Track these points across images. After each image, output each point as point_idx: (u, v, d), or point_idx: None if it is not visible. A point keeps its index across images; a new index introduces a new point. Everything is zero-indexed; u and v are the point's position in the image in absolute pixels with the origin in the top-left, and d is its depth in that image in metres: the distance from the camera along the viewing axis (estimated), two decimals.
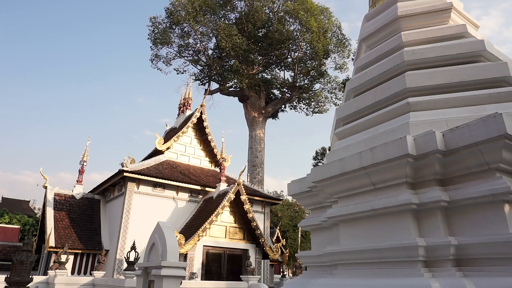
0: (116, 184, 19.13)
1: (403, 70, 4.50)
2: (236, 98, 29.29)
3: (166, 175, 18.68)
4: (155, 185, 18.54)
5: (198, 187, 19.50)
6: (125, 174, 17.20)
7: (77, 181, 20.16)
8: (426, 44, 4.70)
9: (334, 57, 28.41)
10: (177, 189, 19.11)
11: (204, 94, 24.94)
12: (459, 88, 4.13)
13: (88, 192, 20.76)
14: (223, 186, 18.97)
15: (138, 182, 18.04)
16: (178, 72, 30.03)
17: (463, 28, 4.72)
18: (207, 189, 19.69)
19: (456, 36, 4.73)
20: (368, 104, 4.55)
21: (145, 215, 17.53)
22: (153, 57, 29.72)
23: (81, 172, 20.31)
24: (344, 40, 27.97)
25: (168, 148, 21.34)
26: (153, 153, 22.05)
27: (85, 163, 20.46)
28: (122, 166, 17.33)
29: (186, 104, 24.99)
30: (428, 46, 4.53)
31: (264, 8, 27.21)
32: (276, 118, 31.66)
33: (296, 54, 27.96)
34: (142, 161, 20.33)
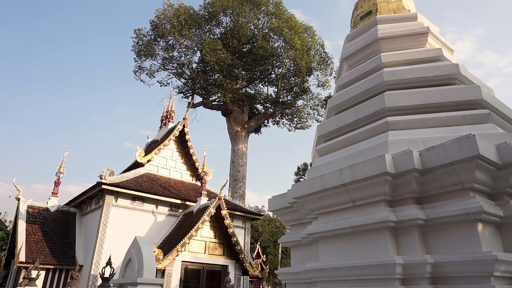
0: (93, 197, 18.63)
1: (382, 90, 4.63)
2: (219, 112, 29.32)
3: (146, 188, 18.35)
4: (134, 198, 18.16)
5: (178, 201, 19.20)
6: (103, 186, 16.79)
7: (52, 193, 19.53)
8: (404, 65, 4.87)
9: (317, 75, 28.96)
10: (157, 202, 18.76)
11: (187, 107, 24.87)
12: (436, 109, 4.27)
13: (64, 205, 20.12)
14: (204, 200, 18.75)
15: (117, 195, 17.63)
16: (162, 84, 29.90)
17: (439, 52, 4.92)
18: (187, 203, 19.41)
19: (433, 59, 4.91)
20: (348, 122, 4.63)
21: (123, 229, 17.09)
22: (137, 69, 29.54)
23: (57, 183, 19.71)
24: (326, 58, 28.60)
25: (148, 161, 21.03)
26: (133, 166, 21.67)
27: (61, 175, 19.88)
28: (101, 178, 16.93)
29: (168, 116, 24.82)
30: (407, 68, 4.69)
31: (249, 24, 27.61)
32: (259, 133, 31.81)
33: (280, 70, 28.34)
34: (121, 173, 19.92)
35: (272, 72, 28.80)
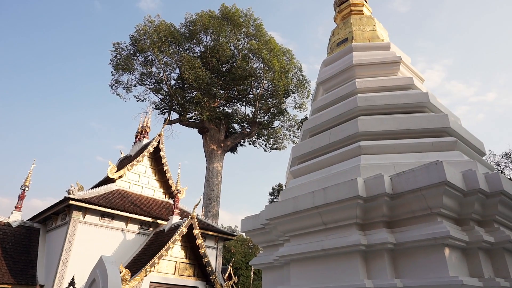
0: (59, 212, 17.83)
1: (356, 115, 4.75)
2: (196, 129, 29.13)
3: (116, 205, 17.76)
4: (103, 215, 17.51)
5: (150, 219, 18.67)
6: (70, 202, 16.12)
7: (15, 207, 18.55)
8: (377, 92, 5.03)
9: (294, 97, 29.45)
10: (127, 220, 18.17)
11: (164, 123, 24.57)
12: (406, 135, 4.41)
13: (27, 220, 19.12)
14: (175, 219, 18.33)
15: (85, 211, 16.96)
16: (138, 99, 29.52)
17: (410, 81, 5.13)
18: (158, 221, 18.90)
19: (404, 87, 5.11)
20: (322, 144, 4.70)
21: (90, 247, 16.37)
22: (113, 83, 29.09)
23: (21, 197, 18.76)
24: (304, 81, 29.22)
25: (120, 177, 20.47)
26: (104, 181, 21.02)
27: (26, 188, 18.99)
28: (69, 193, 16.28)
29: (143, 132, 24.41)
30: (379, 94, 4.85)
31: (229, 45, 27.95)
32: (235, 152, 31.72)
33: (258, 91, 28.67)
34: (91, 188, 19.25)
35: (250, 92, 29.09)
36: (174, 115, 29.10)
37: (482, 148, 4.89)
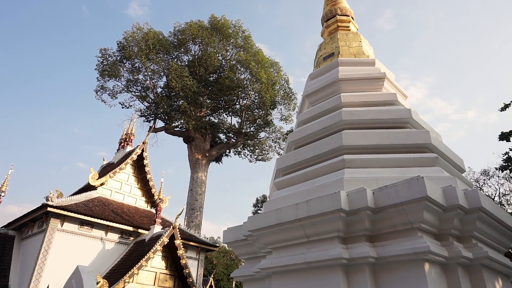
0: (36, 220, 17.28)
1: (340, 129, 4.80)
2: (181, 138, 28.92)
3: (96, 213, 17.35)
4: (82, 223, 17.06)
5: (130, 228, 18.28)
6: (48, 208, 15.66)
7: None
8: (362, 106, 5.11)
9: (281, 109, 29.65)
10: (107, 228, 17.74)
11: (148, 131, 24.33)
12: (389, 150, 4.47)
13: (2, 227, 18.47)
14: (157, 228, 18.00)
15: (63, 218, 16.50)
16: (124, 106, 29.18)
17: (394, 97, 5.23)
18: (140, 230, 18.53)
19: (388, 103, 5.21)
20: (307, 157, 4.73)
21: (67, 257, 15.88)
22: (99, 88, 28.72)
23: None
24: (290, 94, 29.48)
25: (102, 184, 20.05)
26: (85, 188, 20.55)
27: (3, 194, 18.39)
28: (47, 199, 15.82)
29: (127, 139, 24.08)
30: (364, 109, 4.92)
31: (217, 55, 28.06)
32: (220, 162, 31.58)
33: (245, 101, 28.76)
34: (71, 195, 18.77)
35: (237, 103, 29.15)
36: (160, 123, 28.87)
37: (462, 165, 5.00)
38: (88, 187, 19.96)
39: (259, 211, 32.16)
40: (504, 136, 12.44)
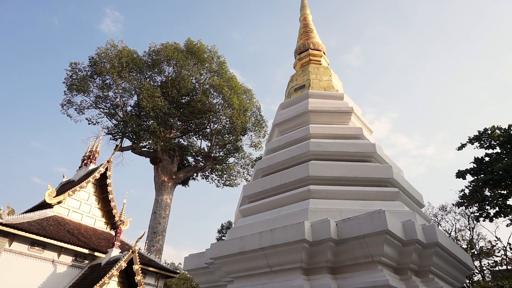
0: None
1: (308, 159, 4.89)
2: (148, 159, 28.29)
3: (49, 233, 16.34)
4: (33, 243, 15.96)
5: (86, 251, 17.29)
6: None
7: None
8: (329, 139, 5.25)
9: (251, 135, 29.85)
10: (60, 250, 16.68)
11: (115, 149, 23.65)
12: (353, 183, 4.58)
13: None
14: (115, 252, 17.14)
15: (12, 237, 15.38)
16: (90, 122, 28.32)
17: (360, 131, 5.42)
18: (96, 253, 17.56)
19: (354, 137, 5.38)
20: (274, 185, 4.75)
21: (12, 280, 14.70)
22: (65, 102, 27.82)
23: None
24: (261, 121, 29.84)
25: (59, 202, 19.02)
26: (40, 206, 19.40)
27: None
28: None
29: (91, 157, 23.20)
30: (331, 141, 5.06)
31: (191, 78, 28.16)
32: (186, 185, 31.01)
33: (216, 126, 28.77)
34: (24, 213, 17.62)
35: (208, 127, 29.10)
36: (127, 142, 28.16)
37: (421, 200, 5.20)
38: (44, 205, 18.88)
39: (223, 238, 31.57)
40: (460, 174, 13.15)
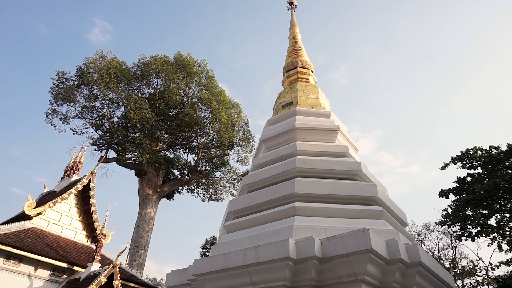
0: None
1: (294, 176, 4.91)
2: (133, 171, 27.89)
3: (27, 245, 15.80)
4: (9, 256, 15.38)
5: (64, 265, 16.74)
6: None
7: None
8: (315, 156, 5.29)
9: (238, 150, 29.77)
10: (37, 264, 16.12)
11: (99, 161, 23.19)
12: (338, 200, 4.61)
13: None
14: (95, 266, 16.65)
15: None
16: (75, 133, 27.81)
17: (346, 149, 5.49)
18: (75, 268, 17.01)
19: (340, 154, 5.45)
20: (259, 201, 4.74)
21: None
22: (50, 112, 27.35)
23: None
24: (249, 136, 29.85)
25: (39, 214, 18.47)
26: (19, 217, 18.79)
27: None
28: None
29: (75, 168, 22.71)
30: (317, 158, 5.10)
31: (179, 91, 28.13)
32: (171, 199, 30.58)
33: (203, 139, 28.67)
34: (0, 224, 17.08)
35: (195, 140, 28.97)
36: (112, 154, 27.76)
37: (405, 218, 5.25)
38: (23, 216, 18.31)
39: (207, 253, 31.08)
40: (443, 193, 13.37)
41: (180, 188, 29.47)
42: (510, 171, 12.04)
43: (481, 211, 12.21)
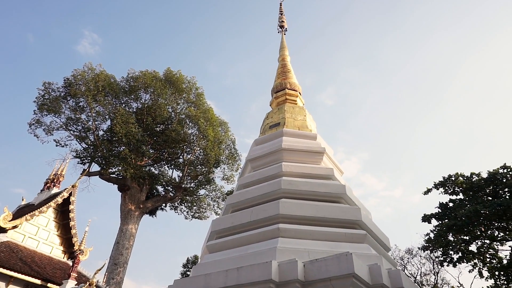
0: None
1: (279, 196, 4.90)
2: (116, 186, 27.37)
3: None
4: None
5: (38, 281, 16.08)
6: None
7: None
8: (301, 177, 5.31)
9: (224, 168, 29.59)
10: (9, 280, 15.45)
11: (81, 174, 22.70)
12: (322, 223, 4.61)
13: None
14: (71, 284, 16.03)
15: None
16: (58, 144, 27.24)
17: (331, 172, 5.53)
18: (49, 285, 16.35)
19: (326, 177, 5.48)
20: (243, 222, 4.70)
21: None
22: (33, 122, 26.84)
23: None
24: (235, 155, 29.77)
25: (15, 227, 17.85)
26: None
27: None
28: None
29: (55, 180, 22.13)
30: (303, 180, 5.12)
31: (167, 107, 28.06)
32: (154, 216, 30.00)
33: (189, 156, 28.45)
34: None
35: (181, 157, 28.72)
36: (96, 167, 27.25)
37: (388, 243, 5.27)
38: None
39: (189, 272, 30.37)
40: (426, 218, 13.52)
41: (164, 204, 28.98)
42: (490, 198, 12.28)
43: (462, 237, 12.35)
